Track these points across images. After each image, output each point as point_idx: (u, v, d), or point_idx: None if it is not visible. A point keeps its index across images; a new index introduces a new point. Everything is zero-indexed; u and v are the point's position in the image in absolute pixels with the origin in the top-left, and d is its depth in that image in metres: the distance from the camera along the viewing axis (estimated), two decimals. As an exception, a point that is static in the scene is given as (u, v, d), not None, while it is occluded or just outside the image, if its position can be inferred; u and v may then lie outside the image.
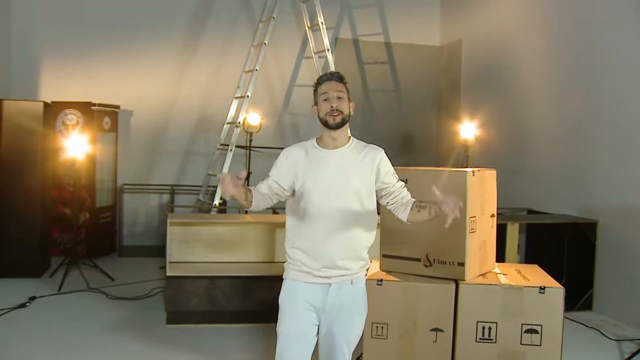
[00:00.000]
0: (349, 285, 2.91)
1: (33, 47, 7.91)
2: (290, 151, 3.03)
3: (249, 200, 2.85)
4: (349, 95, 3.01)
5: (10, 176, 6.53)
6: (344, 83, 3.03)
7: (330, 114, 2.92)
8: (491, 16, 7.93)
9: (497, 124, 7.53)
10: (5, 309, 5.37)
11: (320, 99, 2.97)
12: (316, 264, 2.87)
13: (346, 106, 2.96)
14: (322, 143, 3.01)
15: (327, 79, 3.01)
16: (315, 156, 2.97)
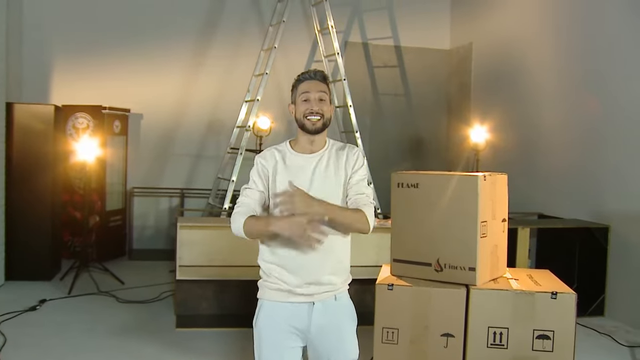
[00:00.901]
0: (333, 302, 2.73)
1: (44, 51, 7.95)
2: (265, 156, 2.78)
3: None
4: (331, 97, 2.79)
5: (21, 179, 6.55)
6: (327, 83, 2.79)
7: (310, 118, 2.68)
8: (501, 20, 7.91)
9: (508, 127, 7.50)
10: (15, 312, 5.39)
11: (299, 98, 2.73)
12: (297, 280, 2.64)
13: (328, 109, 2.73)
14: (298, 147, 2.78)
15: (310, 77, 2.76)
16: (293, 162, 2.74)
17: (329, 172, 2.72)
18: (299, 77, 2.78)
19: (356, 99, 7.40)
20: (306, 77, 2.76)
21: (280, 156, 2.75)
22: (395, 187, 3.65)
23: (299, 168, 2.72)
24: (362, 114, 8.01)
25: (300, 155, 2.75)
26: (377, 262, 5.23)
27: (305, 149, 2.76)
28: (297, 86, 2.76)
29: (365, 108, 8.75)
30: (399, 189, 3.63)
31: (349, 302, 2.85)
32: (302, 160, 2.74)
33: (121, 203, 8.15)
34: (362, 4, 8.95)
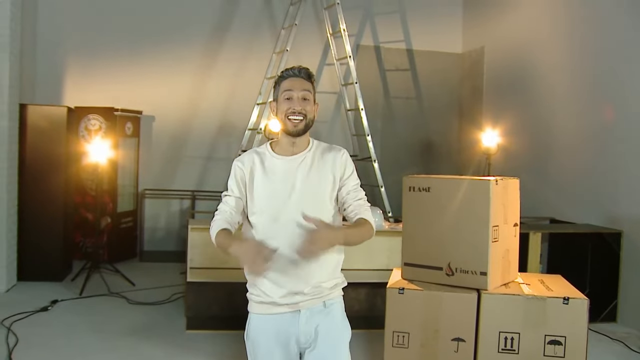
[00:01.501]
0: (322, 309, 2.56)
1: (57, 53, 7.99)
2: (243, 160, 2.63)
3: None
4: (314, 95, 2.61)
5: (33, 181, 6.59)
6: (312, 81, 2.61)
7: (292, 118, 2.51)
8: (514, 23, 7.89)
9: (520, 131, 7.47)
10: (27, 312, 5.41)
11: (281, 96, 2.55)
12: (280, 291, 2.51)
13: (311, 109, 2.56)
14: (278, 149, 2.62)
15: (293, 74, 2.57)
16: (272, 165, 2.58)
17: (311, 175, 2.55)
18: (282, 74, 2.61)
19: (368, 102, 7.40)
20: (289, 74, 2.58)
21: (259, 159, 2.60)
22: (406, 191, 3.66)
23: (278, 171, 2.57)
24: (373, 117, 8.01)
25: (280, 158, 2.59)
26: (388, 266, 5.22)
27: (286, 150, 2.59)
28: (279, 83, 2.59)
29: (376, 111, 8.75)
30: (411, 193, 3.64)
31: (340, 310, 2.64)
32: (282, 163, 2.58)
33: (132, 205, 8.18)
34: (374, 8, 8.95)
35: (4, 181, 6.15)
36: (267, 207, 2.53)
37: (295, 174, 2.55)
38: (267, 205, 2.53)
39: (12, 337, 4.77)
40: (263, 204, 2.54)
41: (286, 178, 2.54)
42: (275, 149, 2.63)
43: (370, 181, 7.26)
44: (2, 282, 6.15)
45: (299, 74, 2.56)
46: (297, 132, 2.53)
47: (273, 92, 2.64)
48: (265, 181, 2.55)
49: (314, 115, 2.58)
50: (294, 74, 2.56)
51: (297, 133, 2.53)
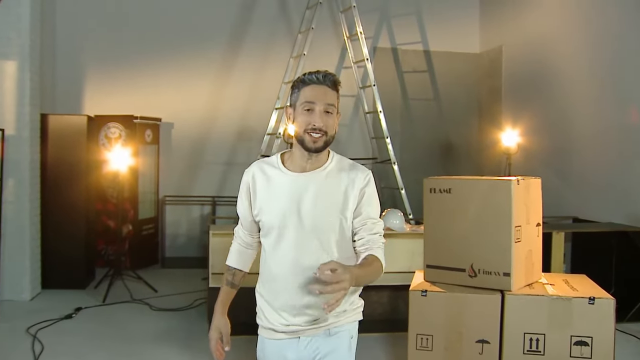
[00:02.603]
0: (326, 337, 2.28)
1: (76, 63, 8.07)
2: (248, 172, 2.37)
3: (239, 280, 2.52)
4: (338, 104, 2.25)
5: (55, 189, 6.65)
6: (337, 90, 2.25)
7: (312, 135, 2.17)
8: (532, 22, 7.83)
9: (540, 131, 7.41)
10: (52, 320, 5.45)
11: (301, 107, 2.20)
12: (278, 318, 2.30)
13: (333, 124, 2.21)
14: (290, 163, 2.29)
15: (317, 81, 2.20)
16: (278, 182, 2.27)
17: (320, 197, 2.21)
18: (303, 78, 2.23)
19: (386, 104, 7.39)
20: (313, 80, 2.20)
21: (265, 172, 2.31)
22: (427, 193, 3.64)
23: (283, 190, 2.25)
24: (392, 119, 7.99)
25: (288, 174, 2.26)
26: (410, 268, 5.19)
27: (298, 166, 2.26)
28: (300, 88, 2.23)
29: (395, 113, 8.72)
30: (432, 195, 3.62)
31: (347, 340, 2.33)
32: (289, 181, 2.25)
33: (153, 211, 8.22)
34: (390, 10, 8.93)
35: (26, 190, 6.21)
36: (271, 229, 2.28)
37: (300, 196, 2.22)
38: (270, 227, 2.28)
39: (37, 345, 4.81)
40: (266, 225, 2.29)
41: (290, 199, 2.22)
42: (287, 162, 2.31)
43: (390, 183, 7.24)
44: (27, 291, 6.20)
45: (324, 81, 2.20)
46: (316, 149, 2.20)
47: (290, 95, 2.29)
48: (269, 200, 2.28)
49: (336, 129, 2.25)
50: (318, 81, 2.20)
51: (315, 150, 2.20)
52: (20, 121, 6.18)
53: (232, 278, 2.53)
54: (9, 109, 6.16)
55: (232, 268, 2.53)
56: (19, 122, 6.18)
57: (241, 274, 2.54)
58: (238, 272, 2.53)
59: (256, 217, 2.33)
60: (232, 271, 2.53)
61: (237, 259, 2.53)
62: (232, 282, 2.54)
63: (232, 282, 2.54)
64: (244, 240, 2.50)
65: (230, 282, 2.54)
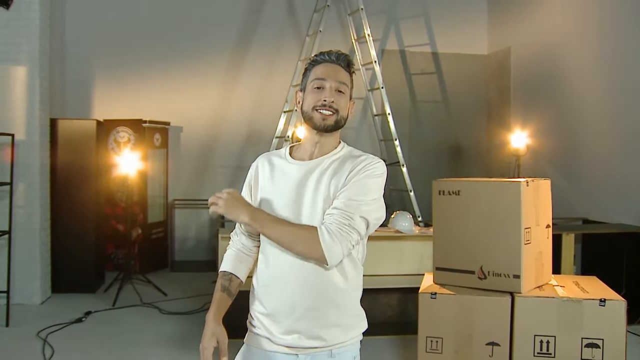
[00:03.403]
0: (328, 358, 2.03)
1: (85, 68, 8.10)
2: (253, 166, 2.17)
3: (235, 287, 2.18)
4: (352, 91, 2.07)
5: (65, 193, 6.67)
6: (351, 72, 2.07)
7: (321, 111, 1.98)
8: (540, 22, 7.81)
9: (550, 132, 7.39)
10: (62, 324, 5.47)
11: (311, 85, 2.02)
12: (276, 326, 2.03)
13: (345, 105, 2.02)
14: (298, 152, 2.10)
15: (330, 59, 2.04)
16: (281, 170, 2.07)
17: (323, 185, 1.98)
18: (314, 58, 2.08)
19: (394, 106, 7.37)
20: (325, 59, 2.04)
21: (271, 162, 2.12)
22: (436, 195, 3.63)
23: (288, 180, 2.03)
24: (400, 121, 7.97)
25: (294, 163, 2.06)
26: (419, 271, 5.19)
27: (305, 153, 2.07)
28: (310, 69, 2.06)
29: (403, 116, 8.71)
30: (441, 197, 3.61)
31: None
32: (293, 170, 2.04)
33: (162, 215, 8.24)
34: (398, 12, 8.93)
35: (36, 195, 6.24)
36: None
37: (304, 185, 2.00)
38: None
39: (48, 349, 4.82)
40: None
41: (293, 189, 2.01)
42: (294, 152, 2.12)
43: (399, 186, 7.22)
44: (37, 295, 6.23)
45: (337, 60, 2.04)
46: (325, 127, 1.99)
47: (302, 80, 2.11)
48: (270, 190, 2.07)
49: (348, 112, 2.05)
50: (330, 60, 2.04)
51: (324, 128, 1.99)
52: (30, 126, 6.22)
53: (229, 284, 2.18)
54: (19, 114, 6.19)
55: (228, 273, 2.19)
56: (29, 127, 6.21)
57: (238, 282, 2.19)
58: (235, 279, 2.18)
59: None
60: (228, 276, 2.19)
61: (234, 265, 2.20)
62: (228, 289, 2.17)
63: (228, 288, 2.17)
64: (243, 243, 2.20)
65: (226, 288, 2.17)
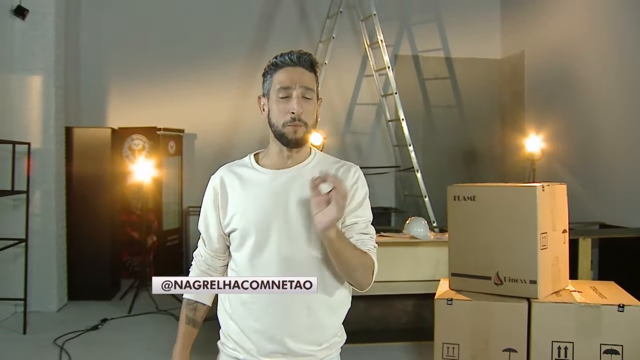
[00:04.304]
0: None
1: (100, 76, 8.15)
2: (214, 180, 2.03)
3: (201, 316, 2.07)
4: (318, 89, 1.95)
5: (81, 201, 6.71)
6: (315, 71, 1.95)
7: (291, 126, 1.87)
8: (554, 26, 7.76)
9: (565, 136, 7.34)
10: (78, 331, 5.50)
11: (275, 93, 1.90)
12: (257, 348, 1.90)
13: (313, 110, 1.91)
14: (267, 160, 1.98)
15: (292, 61, 1.90)
16: (254, 181, 1.94)
17: (303, 195, 1.85)
18: (274, 61, 1.94)
19: (408, 112, 7.37)
20: (286, 62, 1.91)
21: (236, 174, 2.00)
22: (451, 200, 3.61)
23: (262, 190, 1.91)
24: (414, 126, 7.96)
25: (268, 172, 1.95)
26: (434, 277, 5.17)
27: (276, 163, 1.96)
28: (272, 74, 1.94)
29: (417, 121, 8.69)
30: (456, 202, 3.60)
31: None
32: (268, 179, 1.92)
33: (177, 222, 8.26)
34: (411, 17, 8.92)
35: (52, 203, 6.28)
36: (247, 237, 1.91)
37: (285, 194, 1.89)
38: (246, 234, 1.91)
39: (64, 356, 4.85)
40: (241, 233, 1.92)
41: (273, 199, 1.89)
42: (262, 160, 2.01)
43: (413, 191, 7.21)
44: (54, 302, 6.27)
45: (299, 62, 1.91)
46: (297, 142, 1.89)
47: (262, 84, 1.98)
48: (245, 203, 1.92)
49: (316, 117, 1.95)
50: (292, 62, 1.91)
51: (296, 143, 1.89)
52: (46, 134, 6.27)
53: (194, 314, 2.07)
54: (34, 122, 6.24)
55: (193, 302, 2.06)
56: (45, 135, 6.26)
57: (204, 309, 2.08)
58: (200, 307, 2.07)
59: (227, 227, 1.96)
60: (193, 305, 2.07)
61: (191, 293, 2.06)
62: (193, 320, 2.07)
63: (193, 319, 2.07)
64: (208, 264, 2.06)
65: (191, 320, 2.07)
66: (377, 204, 8.44)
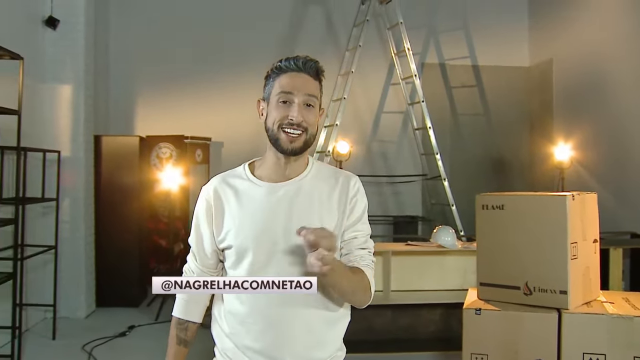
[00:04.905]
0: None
1: (128, 85, 8.24)
2: (206, 191, 1.96)
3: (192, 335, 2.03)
4: (321, 99, 1.91)
5: (109, 209, 6.78)
6: (320, 80, 1.90)
7: (288, 130, 1.81)
8: (583, 33, 7.68)
9: (595, 144, 7.25)
10: (106, 338, 5.54)
11: (275, 98, 1.85)
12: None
13: (314, 120, 1.86)
14: (262, 171, 1.92)
15: (297, 67, 1.84)
16: (250, 195, 1.87)
17: (308, 209, 1.82)
18: (278, 65, 1.88)
19: (435, 120, 7.34)
20: (291, 67, 1.85)
21: (231, 186, 1.93)
22: (479, 209, 3.58)
23: (258, 205, 1.84)
24: (441, 135, 7.91)
25: (263, 185, 1.87)
26: (462, 286, 5.13)
27: (273, 174, 1.89)
28: (275, 78, 1.88)
29: (444, 129, 8.64)
30: (484, 211, 3.56)
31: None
32: (264, 193, 1.85)
33: (204, 230, 8.27)
34: (438, 25, 8.89)
35: (81, 211, 6.35)
36: (243, 255, 1.85)
37: (282, 210, 1.82)
38: (242, 252, 1.85)
39: (92, 363, 4.89)
40: (237, 250, 1.86)
41: (270, 215, 1.82)
42: (257, 171, 1.94)
43: (440, 200, 7.16)
44: (82, 309, 6.32)
45: (304, 68, 1.84)
46: (294, 151, 1.83)
47: (264, 87, 1.94)
48: (240, 218, 1.86)
49: (317, 128, 1.89)
50: (297, 68, 1.84)
51: (293, 151, 1.83)
52: (75, 143, 6.35)
53: (185, 334, 2.04)
54: (64, 131, 6.33)
55: (184, 321, 2.03)
56: (74, 143, 6.35)
57: (195, 327, 2.05)
58: (191, 326, 2.04)
59: (221, 242, 1.90)
60: (184, 325, 2.03)
61: (189, 308, 2.03)
62: (184, 340, 2.04)
63: (184, 339, 2.04)
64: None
65: (182, 340, 2.04)
66: (404, 212, 8.41)
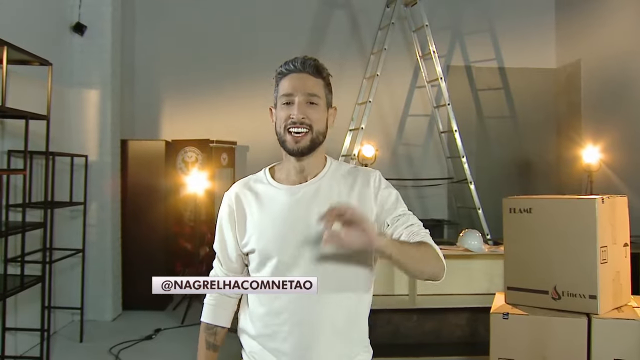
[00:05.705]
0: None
1: (154, 90, 8.30)
2: (228, 197, 1.96)
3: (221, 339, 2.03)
4: (328, 97, 1.91)
5: (135, 212, 6.83)
6: (324, 77, 1.91)
7: (292, 132, 1.82)
8: (611, 34, 7.57)
9: (624, 147, 7.13)
10: (133, 341, 5.57)
11: (279, 102, 1.87)
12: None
13: (320, 117, 1.85)
14: (281, 175, 1.93)
15: (294, 68, 1.86)
16: (271, 198, 1.86)
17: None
18: (280, 69, 1.91)
19: (461, 123, 7.28)
20: (290, 69, 1.86)
21: (252, 190, 1.93)
22: (507, 213, 3.54)
23: (279, 208, 1.83)
24: (467, 138, 7.85)
25: (282, 188, 1.87)
26: (489, 290, 5.07)
27: (291, 177, 1.89)
28: (278, 83, 1.90)
29: (470, 132, 8.58)
30: (512, 215, 3.52)
31: None
32: (284, 195, 1.85)
33: (230, 234, 8.29)
34: (463, 27, 8.83)
35: (107, 214, 6.40)
36: (267, 259, 1.83)
37: (307, 212, 1.79)
38: (266, 257, 1.83)
39: (119, 366, 4.92)
40: (260, 254, 1.85)
41: (291, 218, 1.80)
42: (276, 175, 1.95)
43: (467, 203, 7.11)
44: (109, 312, 6.37)
45: (303, 68, 1.85)
46: (300, 151, 1.82)
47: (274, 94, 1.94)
48: (262, 223, 1.85)
49: (325, 125, 1.88)
50: (296, 69, 1.86)
51: (299, 152, 1.82)
52: (102, 147, 6.41)
53: (214, 339, 2.04)
54: (91, 135, 6.39)
55: (212, 326, 2.04)
56: (101, 148, 6.40)
57: (223, 332, 2.05)
58: (220, 330, 2.04)
59: (245, 247, 1.89)
60: (213, 330, 2.04)
61: (216, 314, 2.04)
62: (213, 345, 2.04)
63: (213, 344, 2.04)
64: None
65: (211, 345, 2.03)
66: (430, 216, 8.35)
